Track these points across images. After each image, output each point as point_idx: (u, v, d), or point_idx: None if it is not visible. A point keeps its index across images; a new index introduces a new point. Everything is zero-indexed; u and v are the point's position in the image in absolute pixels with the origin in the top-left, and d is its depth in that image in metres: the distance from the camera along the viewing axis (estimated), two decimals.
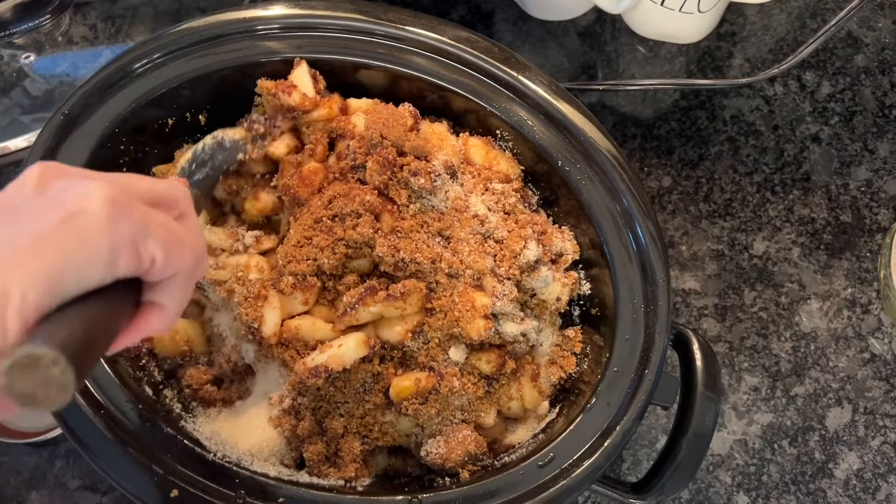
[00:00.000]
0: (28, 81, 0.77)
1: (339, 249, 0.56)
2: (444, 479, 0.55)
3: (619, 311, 0.57)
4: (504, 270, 0.58)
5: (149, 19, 0.81)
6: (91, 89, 0.57)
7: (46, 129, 0.56)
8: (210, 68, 0.59)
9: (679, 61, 0.87)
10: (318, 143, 0.61)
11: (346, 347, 0.54)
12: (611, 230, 0.59)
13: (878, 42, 0.89)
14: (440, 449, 0.56)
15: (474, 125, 0.64)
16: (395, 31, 0.61)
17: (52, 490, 0.70)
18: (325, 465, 0.56)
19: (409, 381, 0.56)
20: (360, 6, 0.62)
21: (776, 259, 0.79)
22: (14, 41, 0.79)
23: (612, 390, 0.55)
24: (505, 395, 0.59)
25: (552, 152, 0.60)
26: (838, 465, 0.72)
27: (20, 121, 0.74)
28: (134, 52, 0.59)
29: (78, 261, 0.34)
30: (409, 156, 0.58)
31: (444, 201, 0.59)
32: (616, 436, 0.54)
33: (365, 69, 0.62)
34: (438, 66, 0.61)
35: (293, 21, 0.61)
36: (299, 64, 0.61)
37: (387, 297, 0.55)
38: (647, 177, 0.82)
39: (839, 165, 0.83)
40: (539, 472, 0.53)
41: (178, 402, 0.57)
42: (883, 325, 0.77)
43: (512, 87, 0.61)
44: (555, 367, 0.60)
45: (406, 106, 0.61)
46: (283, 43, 0.61)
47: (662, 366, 0.56)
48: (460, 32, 0.62)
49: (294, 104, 0.60)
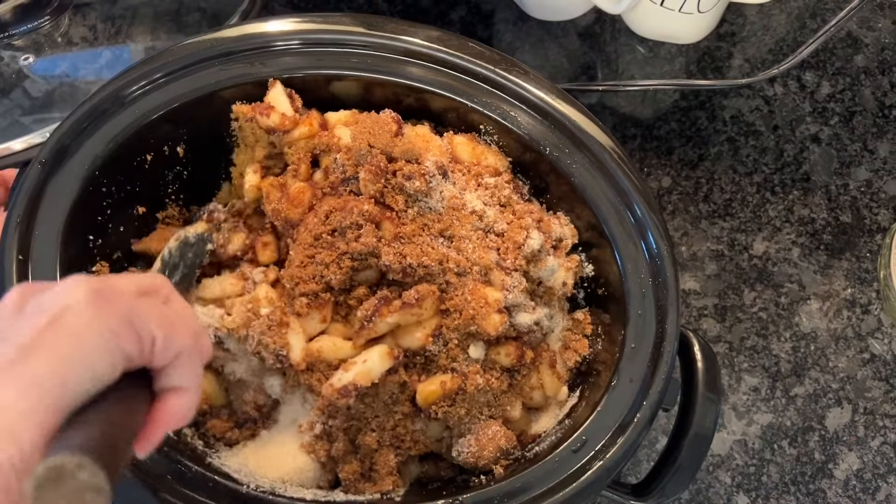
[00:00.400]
0: (28, 82, 0.77)
1: (344, 263, 0.55)
2: (480, 478, 0.55)
3: (628, 288, 0.57)
4: (510, 262, 0.58)
5: (148, 20, 0.81)
6: (60, 139, 0.56)
7: (28, 178, 0.55)
8: (181, 99, 0.59)
9: (679, 61, 0.87)
10: (301, 163, 0.60)
11: (371, 362, 0.54)
12: (608, 209, 0.59)
13: (878, 42, 0.89)
14: (472, 447, 0.56)
15: (456, 123, 0.64)
16: (367, 39, 0.61)
17: None
18: (362, 481, 0.55)
19: (435, 385, 0.55)
20: (325, 18, 0.62)
21: (776, 259, 0.79)
22: (13, 42, 0.79)
23: (632, 366, 0.55)
24: (527, 386, 0.59)
25: (539, 140, 0.60)
26: (838, 466, 0.72)
27: (20, 122, 0.74)
28: (103, 91, 0.58)
29: (75, 358, 0.33)
30: (399, 161, 0.58)
31: (440, 202, 0.59)
32: (644, 410, 0.54)
33: (338, 80, 0.61)
34: (413, 68, 0.61)
35: (259, 41, 0.60)
36: (274, 84, 0.60)
37: (402, 305, 0.55)
38: (647, 177, 0.82)
39: (839, 166, 0.83)
40: (574, 457, 0.53)
41: (199, 438, 0.56)
42: (883, 326, 0.77)
43: (490, 80, 0.61)
44: (570, 352, 0.60)
45: (387, 112, 0.61)
46: (250, 63, 0.60)
47: (678, 334, 0.56)
48: (432, 32, 0.62)
49: (274, 125, 0.59)
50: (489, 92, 0.61)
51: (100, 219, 0.58)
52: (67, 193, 0.55)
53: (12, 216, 0.54)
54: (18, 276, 0.52)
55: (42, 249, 0.54)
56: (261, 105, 0.60)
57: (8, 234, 0.53)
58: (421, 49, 0.61)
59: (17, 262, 0.53)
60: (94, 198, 0.57)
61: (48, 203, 0.55)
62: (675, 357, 0.56)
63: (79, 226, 0.56)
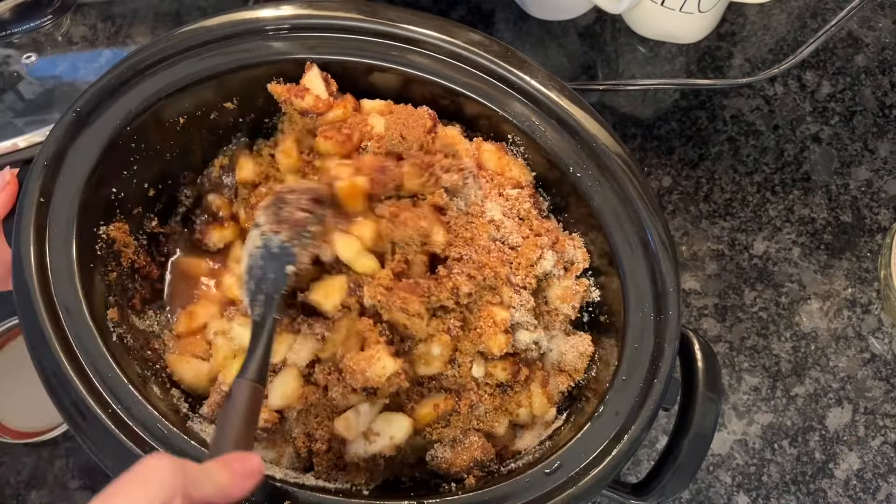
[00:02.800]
0: (28, 82, 0.77)
1: (422, 310, 0.55)
2: (450, 485, 0.55)
3: (629, 320, 0.57)
4: (520, 280, 0.57)
5: (149, 20, 0.81)
6: (102, 88, 0.57)
7: (58, 126, 0.55)
8: (221, 68, 0.59)
9: (679, 61, 0.87)
10: (346, 141, 0.59)
11: (395, 437, 0.55)
12: (621, 238, 0.58)
13: (878, 42, 0.89)
14: (446, 454, 0.56)
15: (486, 130, 0.64)
16: (408, 34, 0.61)
17: (52, 490, 0.70)
18: (334, 470, 0.56)
19: (428, 408, 0.55)
20: (372, 8, 0.62)
21: (776, 259, 0.79)
22: (14, 41, 0.79)
23: (620, 399, 0.55)
24: (514, 403, 0.59)
25: (564, 158, 0.60)
26: (838, 466, 0.72)
27: (15, 123, 0.74)
28: (145, 51, 0.58)
29: None
30: (438, 154, 0.58)
31: (467, 204, 0.59)
32: (624, 444, 0.53)
33: (378, 71, 0.62)
34: (451, 69, 0.61)
35: (304, 22, 0.60)
36: (310, 68, 0.60)
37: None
38: (648, 177, 0.82)
39: (839, 165, 0.83)
40: (546, 479, 0.52)
41: (185, 402, 0.56)
42: (883, 325, 0.77)
43: (524, 91, 0.60)
44: (564, 376, 0.60)
45: (424, 109, 0.61)
46: (295, 44, 0.60)
47: (671, 375, 0.56)
48: (473, 35, 0.62)
49: (308, 107, 0.60)
50: (522, 103, 0.61)
51: (125, 173, 0.58)
52: (96, 144, 0.56)
53: (39, 159, 0.54)
54: (37, 219, 0.53)
55: (63, 194, 0.54)
56: (296, 87, 0.60)
57: (32, 176, 0.54)
58: (462, 52, 0.61)
59: (37, 204, 0.53)
60: (123, 152, 0.57)
61: (76, 151, 0.55)
62: (665, 395, 0.55)
63: (104, 176, 0.56)
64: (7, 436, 0.69)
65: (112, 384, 0.51)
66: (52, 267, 0.52)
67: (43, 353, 0.51)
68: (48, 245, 0.53)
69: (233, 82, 0.61)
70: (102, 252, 0.57)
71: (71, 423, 0.51)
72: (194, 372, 0.57)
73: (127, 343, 0.55)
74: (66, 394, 0.50)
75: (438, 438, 0.56)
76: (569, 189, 0.61)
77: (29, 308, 0.51)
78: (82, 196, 0.54)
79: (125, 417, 0.50)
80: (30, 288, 0.51)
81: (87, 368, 0.51)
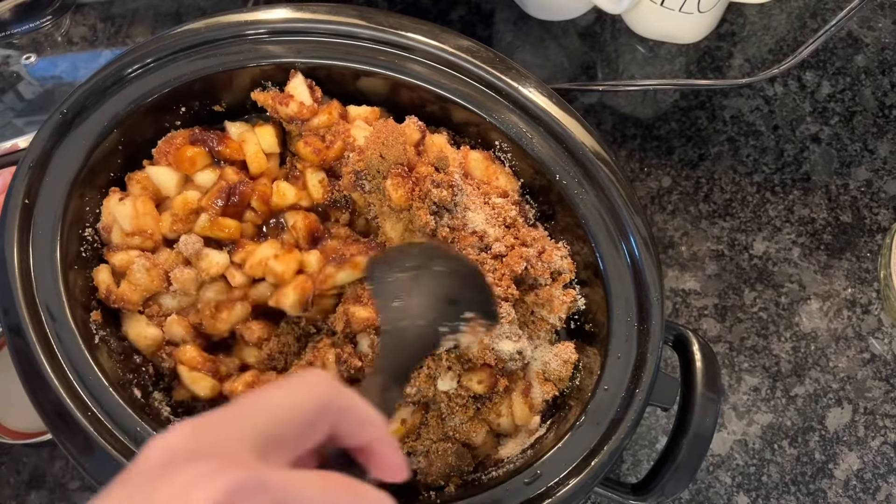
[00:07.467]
0: (28, 82, 0.77)
1: None
2: (430, 493, 0.55)
3: (613, 329, 0.57)
4: (502, 291, 0.57)
5: (148, 20, 0.81)
6: (89, 90, 0.57)
7: (44, 128, 0.55)
8: (208, 71, 0.59)
9: (679, 61, 0.87)
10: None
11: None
12: (607, 247, 0.58)
13: (878, 42, 0.89)
14: (419, 463, 0.55)
15: (474, 136, 0.63)
16: (397, 39, 0.60)
17: (51, 490, 0.70)
18: None
19: (396, 425, 0.55)
20: (360, 12, 0.62)
21: (776, 259, 0.79)
22: (14, 42, 0.79)
23: (601, 409, 0.55)
24: (494, 413, 0.58)
25: (551, 165, 0.60)
26: (838, 466, 0.72)
27: (15, 124, 0.74)
28: (132, 53, 0.58)
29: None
30: (427, 167, 0.57)
31: (451, 217, 0.58)
32: (604, 455, 0.53)
33: (366, 76, 0.61)
34: (440, 75, 0.60)
35: (292, 26, 0.60)
36: (294, 75, 0.60)
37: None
38: (648, 177, 0.82)
39: (839, 165, 0.83)
40: (524, 489, 0.52)
41: (167, 405, 0.56)
42: (883, 326, 0.77)
43: (513, 98, 0.60)
44: (549, 385, 0.59)
45: (412, 119, 0.60)
46: (282, 47, 0.60)
47: (653, 386, 0.56)
48: (462, 41, 0.61)
49: (292, 114, 0.59)
50: (510, 110, 0.60)
51: (111, 175, 0.58)
52: (82, 146, 0.56)
53: (25, 161, 0.54)
54: (21, 221, 0.53)
55: (49, 196, 0.54)
56: (280, 94, 0.60)
57: (18, 178, 0.54)
58: (451, 58, 0.60)
59: (22, 205, 0.53)
60: (109, 154, 0.57)
61: (62, 153, 0.55)
62: (646, 405, 0.55)
63: (89, 178, 0.56)
64: (7, 436, 0.69)
65: (92, 386, 0.51)
66: (36, 268, 0.52)
67: (24, 354, 0.51)
68: (32, 246, 0.53)
69: (220, 85, 0.60)
70: (87, 254, 0.57)
71: (50, 425, 0.50)
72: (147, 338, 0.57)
73: (110, 346, 0.55)
74: (45, 395, 0.50)
75: (411, 451, 0.56)
76: (555, 197, 0.61)
77: (11, 308, 0.51)
78: (67, 198, 0.54)
79: (105, 420, 0.50)
80: (12, 288, 0.51)
81: (68, 370, 0.50)
